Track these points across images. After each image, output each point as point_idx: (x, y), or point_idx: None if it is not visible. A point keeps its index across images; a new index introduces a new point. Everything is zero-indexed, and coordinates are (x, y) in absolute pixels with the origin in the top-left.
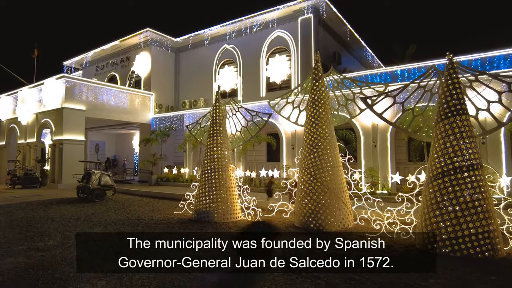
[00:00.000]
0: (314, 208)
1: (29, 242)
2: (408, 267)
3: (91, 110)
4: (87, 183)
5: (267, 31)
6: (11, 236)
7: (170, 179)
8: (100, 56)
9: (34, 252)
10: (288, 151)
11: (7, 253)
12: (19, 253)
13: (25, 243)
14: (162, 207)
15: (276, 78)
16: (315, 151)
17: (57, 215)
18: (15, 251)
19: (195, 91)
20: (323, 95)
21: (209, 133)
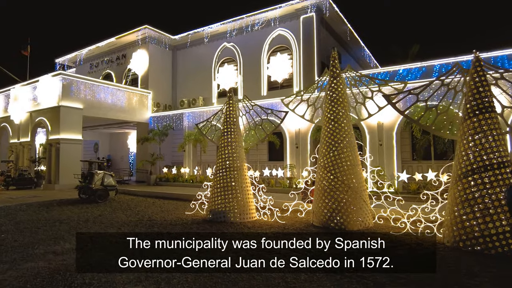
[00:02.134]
0: (335, 207)
1: (44, 246)
2: (446, 265)
3: (88, 109)
4: (89, 183)
5: (268, 30)
6: (22, 240)
7: (170, 179)
8: (94, 53)
9: (53, 256)
10: (292, 150)
11: (25, 257)
12: (37, 257)
13: (40, 247)
14: (170, 208)
15: (278, 77)
16: (334, 149)
17: (63, 217)
18: (32, 255)
19: (194, 90)
20: (342, 92)
21: (222, 131)
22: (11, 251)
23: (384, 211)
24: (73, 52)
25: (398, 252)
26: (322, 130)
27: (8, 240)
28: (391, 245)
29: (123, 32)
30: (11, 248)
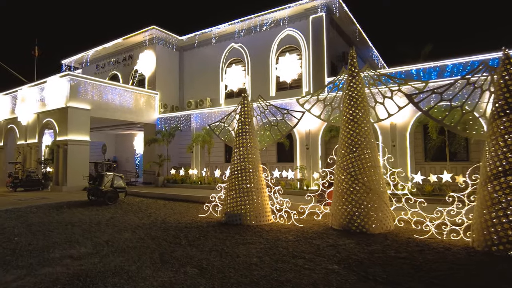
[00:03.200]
0: (356, 209)
1: (59, 250)
2: (481, 271)
3: (96, 110)
4: (99, 185)
5: (276, 30)
6: (37, 243)
7: (178, 181)
8: (101, 54)
9: (70, 261)
10: (302, 151)
11: (41, 262)
12: (54, 262)
13: (55, 251)
14: (182, 210)
15: (286, 78)
16: (354, 150)
17: (74, 219)
18: (49, 260)
19: (201, 91)
20: (361, 91)
21: (237, 132)
22: (26, 255)
23: (404, 213)
24: (79, 53)
25: (427, 256)
26: (341, 130)
27: (23, 243)
28: (418, 249)
29: (129, 33)
30: (26, 252)
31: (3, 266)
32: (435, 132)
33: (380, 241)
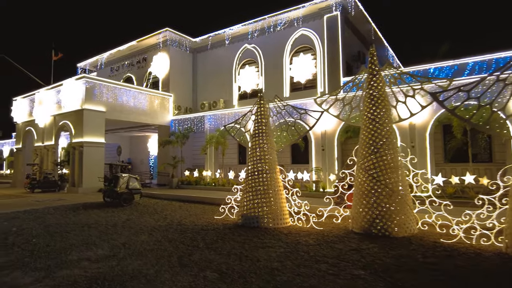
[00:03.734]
0: (379, 212)
1: (76, 252)
2: None
3: (111, 112)
4: (114, 186)
5: (290, 30)
6: (54, 245)
7: (192, 182)
8: (115, 57)
9: (88, 263)
10: (317, 153)
11: (59, 264)
12: (72, 264)
13: (72, 253)
14: (197, 212)
15: (301, 78)
16: (376, 151)
17: (91, 221)
18: (66, 262)
19: (214, 92)
20: (382, 90)
21: (253, 133)
22: (44, 256)
23: (428, 216)
24: (94, 57)
25: (458, 262)
26: (361, 131)
27: (41, 245)
28: (446, 254)
29: (142, 36)
30: (44, 253)
31: (22, 268)
32: (459, 132)
33: (404, 245)
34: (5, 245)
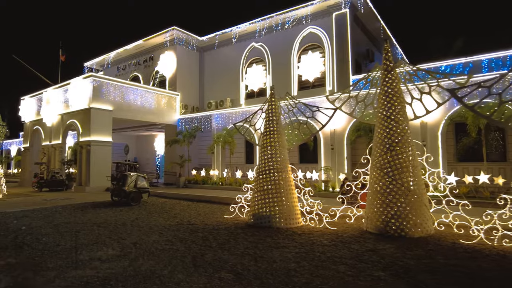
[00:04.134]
0: (395, 212)
1: (87, 251)
2: None
3: (118, 111)
4: (122, 185)
5: (298, 28)
6: (64, 244)
7: (199, 182)
8: (122, 56)
9: (99, 263)
10: (326, 152)
11: (70, 264)
12: (83, 264)
13: (83, 252)
14: (206, 211)
15: (309, 76)
16: (392, 149)
17: (99, 220)
18: (77, 262)
19: (221, 91)
20: (397, 87)
21: (264, 131)
22: (55, 256)
23: (445, 216)
24: (101, 56)
25: (481, 264)
26: (376, 129)
27: (51, 244)
28: (468, 256)
29: (149, 35)
30: (54, 253)
31: (33, 267)
32: (474, 130)
33: (422, 246)
34: (14, 244)
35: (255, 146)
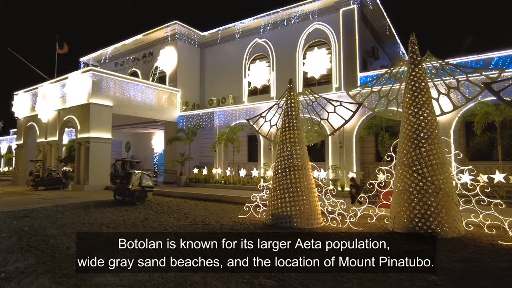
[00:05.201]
0: (425, 211)
1: (102, 255)
2: None
3: (118, 106)
4: (127, 184)
5: (303, 24)
6: (75, 247)
7: (201, 180)
8: (120, 51)
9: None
10: (335, 150)
11: (87, 269)
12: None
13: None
14: (217, 210)
15: (315, 73)
16: (420, 145)
17: (107, 220)
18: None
19: (223, 88)
20: (425, 82)
21: (283, 127)
22: (68, 260)
23: (474, 216)
24: (97, 51)
25: None
26: (403, 124)
27: (60, 247)
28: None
29: (147, 30)
30: (66, 256)
31: (47, 273)
32: (480, 128)
33: (462, 248)
34: (20, 246)
35: (270, 143)
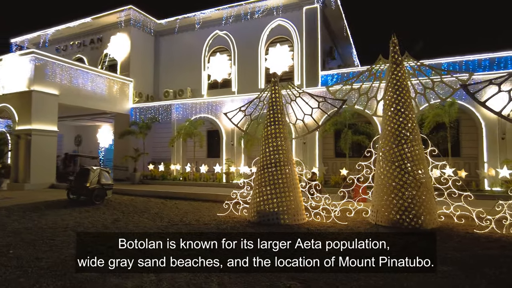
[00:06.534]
0: (408, 204)
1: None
2: None
3: (65, 96)
4: (84, 182)
5: (266, 19)
6: (47, 258)
7: (157, 177)
8: (63, 35)
9: (117, 281)
10: (298, 146)
11: (75, 285)
12: (95, 285)
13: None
14: (190, 209)
15: (277, 69)
16: (403, 142)
17: (70, 223)
18: (83, 282)
19: (180, 80)
20: (406, 81)
21: (267, 122)
22: (47, 275)
23: (446, 208)
24: (34, 32)
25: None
26: (385, 121)
27: (27, 258)
28: (500, 245)
29: (97, 13)
30: (42, 270)
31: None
32: (428, 128)
33: (446, 238)
34: None
35: (233, 138)
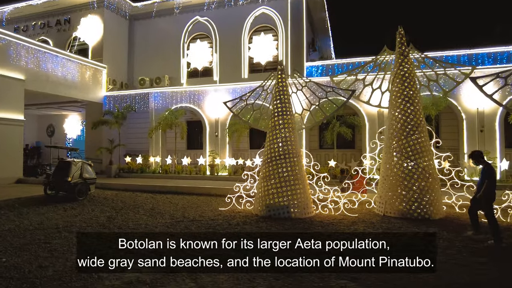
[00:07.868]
0: (418, 195)
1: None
2: None
3: (33, 81)
4: (65, 176)
5: (250, 7)
6: (48, 264)
7: (135, 170)
8: (23, 13)
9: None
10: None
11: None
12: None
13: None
14: (187, 204)
15: (261, 59)
16: (412, 133)
17: (59, 223)
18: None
19: (157, 67)
20: (413, 72)
21: (274, 111)
22: (48, 284)
23: (448, 198)
24: None
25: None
26: (392, 112)
27: (22, 265)
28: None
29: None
30: (44, 279)
31: None
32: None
33: (457, 227)
34: None
35: (217, 129)
